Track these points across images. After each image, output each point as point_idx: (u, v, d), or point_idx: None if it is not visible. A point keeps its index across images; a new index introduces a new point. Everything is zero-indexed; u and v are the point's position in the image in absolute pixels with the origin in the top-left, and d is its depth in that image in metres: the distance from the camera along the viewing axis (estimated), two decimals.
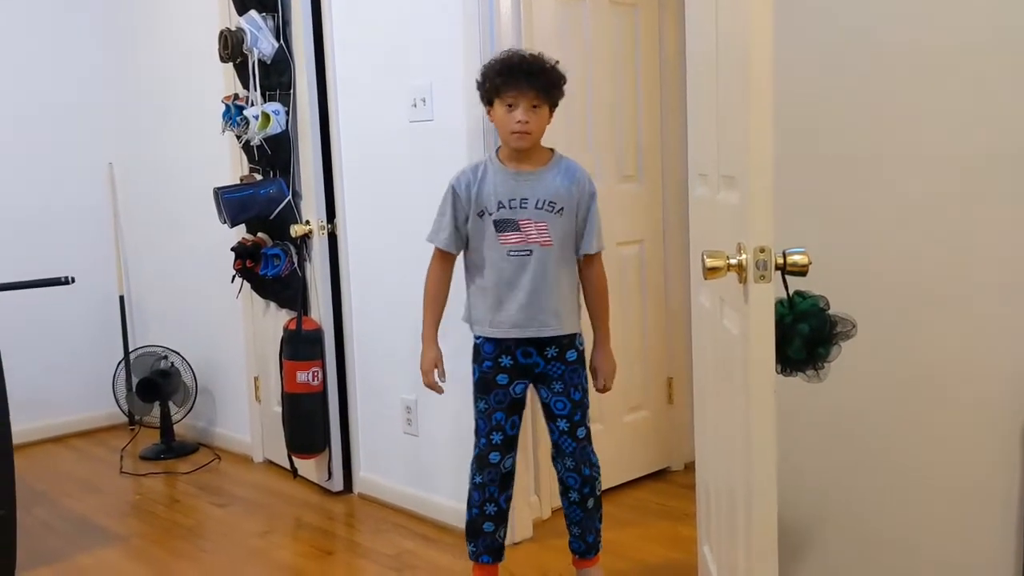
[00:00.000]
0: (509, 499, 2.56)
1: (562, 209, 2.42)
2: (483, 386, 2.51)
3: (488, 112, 2.46)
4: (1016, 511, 1.99)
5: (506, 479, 2.53)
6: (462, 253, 2.53)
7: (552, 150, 2.50)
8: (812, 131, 2.24)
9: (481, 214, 2.44)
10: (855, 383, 2.19)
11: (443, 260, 2.53)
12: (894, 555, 2.21)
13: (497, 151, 2.49)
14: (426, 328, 2.55)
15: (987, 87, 1.97)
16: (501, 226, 2.42)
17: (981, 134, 1.98)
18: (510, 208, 2.41)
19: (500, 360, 2.48)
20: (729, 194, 1.81)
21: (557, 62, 2.42)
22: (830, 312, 1.85)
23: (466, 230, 2.47)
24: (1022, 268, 1.95)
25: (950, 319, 2.07)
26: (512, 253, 2.42)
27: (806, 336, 1.79)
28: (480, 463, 2.51)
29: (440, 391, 2.57)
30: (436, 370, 2.55)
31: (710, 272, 1.65)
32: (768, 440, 1.62)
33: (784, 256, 1.62)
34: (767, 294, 1.60)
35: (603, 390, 2.62)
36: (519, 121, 2.34)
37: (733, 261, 1.64)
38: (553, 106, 2.42)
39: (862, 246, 2.19)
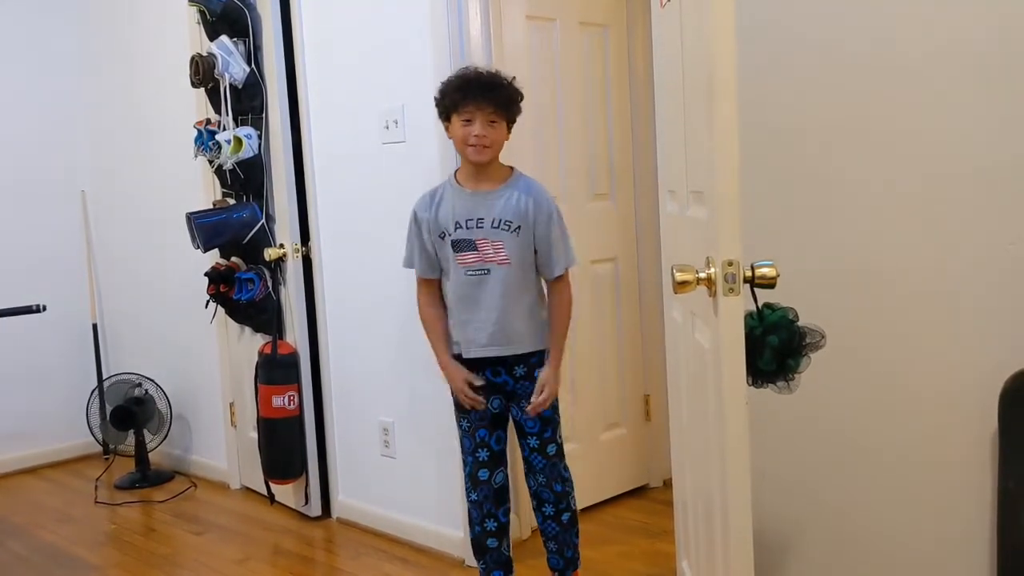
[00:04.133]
0: (508, 512, 2.58)
1: (519, 227, 2.41)
2: (462, 404, 2.51)
3: (446, 128, 2.46)
4: (989, 507, 2.01)
5: (500, 494, 2.54)
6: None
7: (512, 168, 2.50)
8: (779, 144, 2.28)
9: (442, 236, 2.45)
10: (828, 393, 2.21)
11: (426, 285, 2.54)
12: (874, 558, 2.22)
13: (455, 173, 2.50)
14: (439, 356, 2.53)
15: (953, 97, 2.00)
16: (458, 246, 2.42)
17: (948, 144, 2.02)
18: (467, 228, 2.42)
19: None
20: (698, 209, 1.83)
21: (514, 78, 2.43)
22: (799, 324, 1.87)
23: (435, 253, 2.49)
24: (991, 275, 1.99)
25: (920, 327, 2.09)
26: (470, 273, 2.42)
27: (776, 348, 1.81)
28: (472, 481, 2.53)
29: (482, 405, 2.50)
30: (468, 386, 2.49)
31: (680, 286, 1.66)
32: (742, 451, 1.63)
33: (752, 269, 1.63)
34: (736, 307, 1.62)
35: (535, 408, 2.47)
36: (476, 135, 2.35)
37: (702, 275, 1.66)
38: (511, 122, 2.42)
39: (830, 258, 2.21)
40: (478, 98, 2.35)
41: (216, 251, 3.68)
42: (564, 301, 2.50)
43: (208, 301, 3.66)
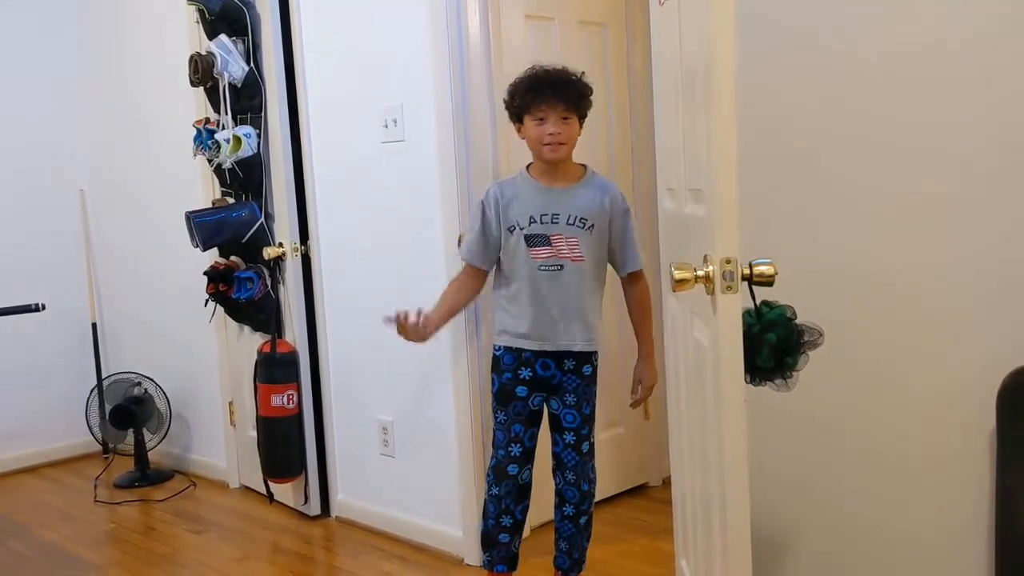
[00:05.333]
0: (525, 510, 2.58)
1: (593, 225, 2.44)
2: (502, 397, 2.52)
3: (518, 129, 2.48)
4: (987, 504, 2.01)
5: (523, 491, 2.54)
6: (494, 271, 2.55)
7: (584, 166, 2.52)
8: (778, 143, 2.28)
9: (512, 229, 2.45)
10: (826, 391, 2.21)
11: (470, 275, 2.55)
12: (873, 553, 2.22)
13: (528, 167, 2.51)
14: (435, 315, 2.51)
15: (953, 95, 2.00)
16: (532, 241, 2.44)
17: (947, 142, 2.02)
18: (541, 223, 2.43)
19: (520, 372, 2.50)
20: (696, 207, 1.83)
21: (583, 73, 2.44)
22: (797, 322, 1.87)
23: (496, 245, 2.49)
24: (990, 272, 1.99)
25: (918, 324, 2.09)
26: (543, 268, 2.43)
27: (774, 345, 1.81)
28: (498, 475, 2.52)
29: (394, 320, 2.48)
30: (412, 313, 2.46)
31: (678, 284, 1.66)
32: (740, 449, 1.63)
33: (751, 267, 1.64)
34: (734, 305, 1.62)
35: (638, 403, 2.65)
36: (551, 133, 2.36)
37: (700, 273, 1.66)
38: (582, 117, 2.44)
39: (828, 256, 2.22)
40: (550, 96, 2.36)
41: (215, 250, 3.68)
42: (646, 295, 2.59)
43: (207, 300, 3.66)
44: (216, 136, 3.45)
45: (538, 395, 2.52)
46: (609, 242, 2.49)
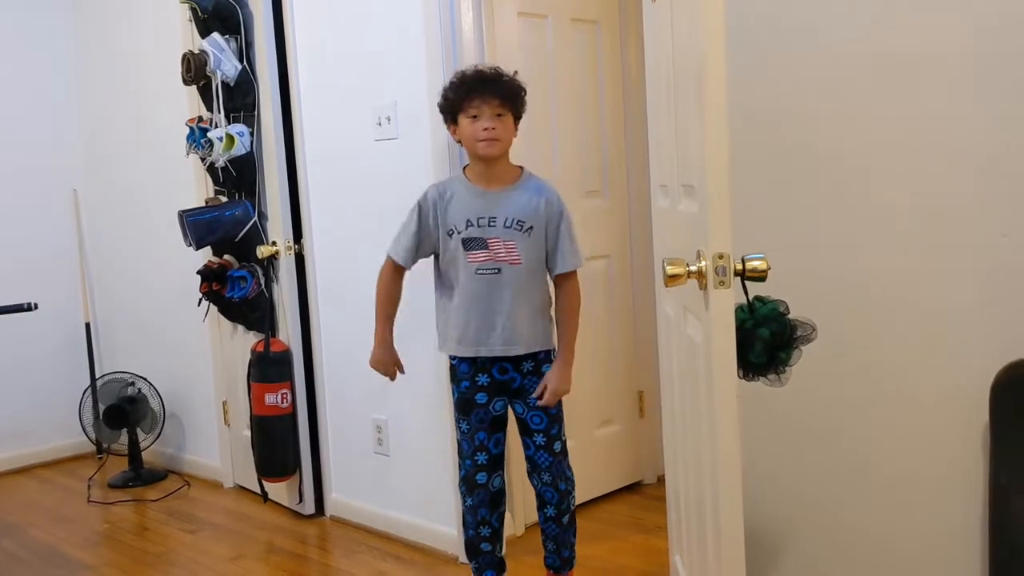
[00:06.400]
0: (502, 516, 2.56)
1: (531, 228, 2.41)
2: (463, 406, 2.50)
3: (452, 131, 2.45)
4: (981, 501, 2.01)
5: (496, 498, 2.52)
6: (434, 275, 2.53)
7: (521, 168, 2.50)
8: (772, 139, 2.27)
9: (450, 233, 2.43)
10: (818, 387, 2.21)
11: (393, 272, 2.53)
12: (866, 551, 2.23)
13: (464, 170, 2.49)
14: (380, 331, 2.56)
15: (947, 91, 2.01)
16: (469, 244, 2.41)
17: (941, 137, 2.02)
18: (478, 226, 2.40)
19: (477, 379, 2.47)
20: (689, 203, 1.83)
21: (516, 72, 2.43)
22: (790, 316, 1.87)
23: (428, 247, 2.48)
24: (984, 267, 1.99)
25: (911, 320, 2.10)
26: (480, 271, 2.40)
27: (767, 340, 1.81)
28: (468, 485, 2.50)
29: (393, 377, 2.63)
30: (389, 368, 2.60)
31: (671, 279, 1.66)
32: (732, 444, 1.63)
33: (743, 262, 1.63)
34: (727, 300, 1.62)
35: (539, 399, 2.46)
36: (485, 128, 2.34)
37: (693, 268, 1.66)
38: (517, 117, 2.42)
39: (821, 252, 2.22)
40: (483, 91, 2.35)
41: (208, 249, 3.67)
42: (573, 299, 2.49)
43: (200, 299, 3.65)
44: (209, 134, 3.44)
45: (499, 400, 2.49)
46: (545, 244, 2.45)
